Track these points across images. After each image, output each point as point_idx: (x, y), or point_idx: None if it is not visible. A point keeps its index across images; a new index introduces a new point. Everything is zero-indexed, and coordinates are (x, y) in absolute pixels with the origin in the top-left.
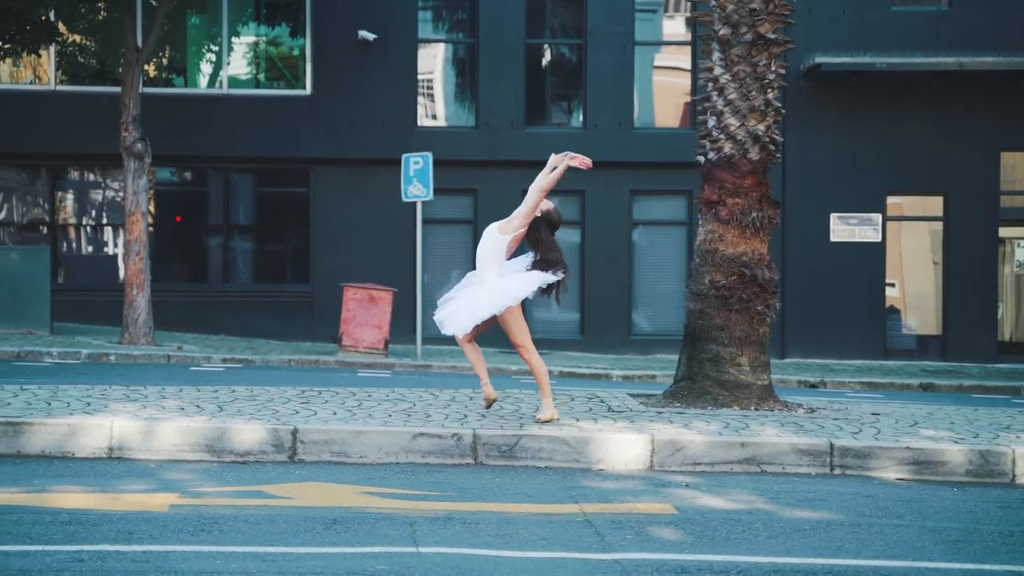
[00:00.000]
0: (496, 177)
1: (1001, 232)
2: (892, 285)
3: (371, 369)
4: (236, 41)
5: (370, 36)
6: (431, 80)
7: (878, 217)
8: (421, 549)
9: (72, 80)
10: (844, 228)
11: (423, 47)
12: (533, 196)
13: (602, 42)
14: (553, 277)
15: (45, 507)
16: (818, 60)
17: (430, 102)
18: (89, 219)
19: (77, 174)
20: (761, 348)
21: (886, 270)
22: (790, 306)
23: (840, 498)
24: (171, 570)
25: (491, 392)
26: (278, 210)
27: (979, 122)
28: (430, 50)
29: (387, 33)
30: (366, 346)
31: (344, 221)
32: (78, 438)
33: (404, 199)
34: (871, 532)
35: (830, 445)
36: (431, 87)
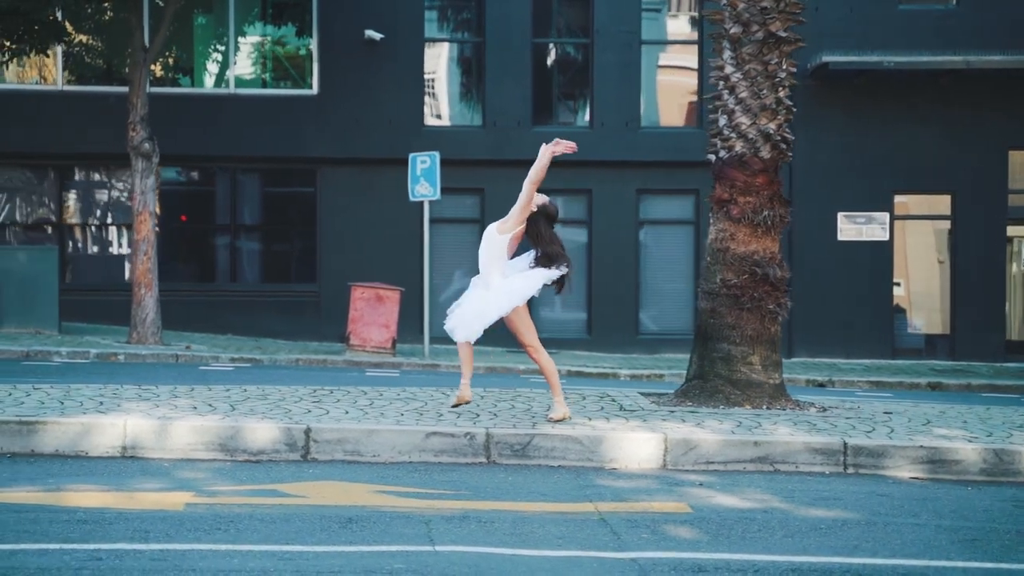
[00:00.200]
0: (503, 176)
1: (1009, 231)
2: (899, 284)
3: (379, 368)
4: (243, 41)
5: (376, 36)
6: (438, 79)
7: (885, 216)
8: (438, 548)
9: (79, 80)
10: (851, 227)
11: (430, 46)
12: (525, 191)
13: (608, 41)
14: (557, 272)
15: (61, 506)
16: (825, 59)
17: (436, 101)
18: (96, 219)
19: (84, 174)
20: (773, 347)
21: (893, 269)
22: (797, 305)
23: (855, 497)
24: (189, 568)
25: (467, 394)
26: (285, 210)
27: (986, 121)
28: (437, 49)
29: (394, 32)
30: (374, 345)
31: (351, 221)
32: (92, 437)
33: (411, 198)
34: (887, 531)
35: (844, 444)
36: (438, 86)
